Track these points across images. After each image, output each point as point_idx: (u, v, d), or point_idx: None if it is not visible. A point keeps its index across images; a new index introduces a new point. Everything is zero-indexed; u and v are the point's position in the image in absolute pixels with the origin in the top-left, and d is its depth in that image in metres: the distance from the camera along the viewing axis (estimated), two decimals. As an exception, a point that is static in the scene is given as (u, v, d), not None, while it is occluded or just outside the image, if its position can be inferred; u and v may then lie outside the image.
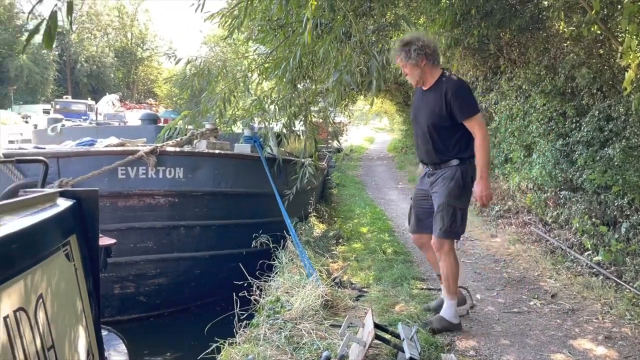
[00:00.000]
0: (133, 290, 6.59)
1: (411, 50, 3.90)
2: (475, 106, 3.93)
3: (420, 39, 3.96)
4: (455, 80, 4.00)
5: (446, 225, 3.95)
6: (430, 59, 3.94)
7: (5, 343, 2.10)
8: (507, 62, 8.79)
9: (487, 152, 3.88)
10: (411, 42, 3.93)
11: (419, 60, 3.92)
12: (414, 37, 4.00)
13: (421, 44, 3.91)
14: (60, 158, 6.14)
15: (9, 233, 2.22)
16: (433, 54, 3.95)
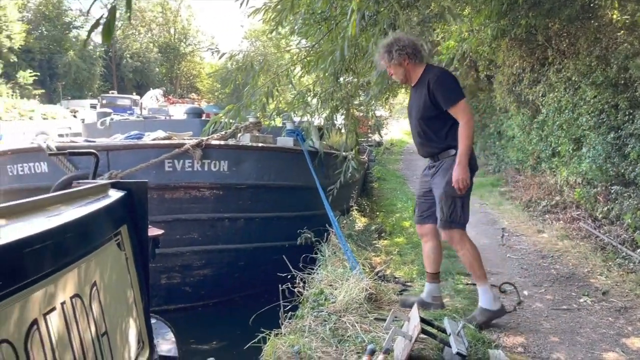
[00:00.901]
0: (179, 281, 6.73)
1: (392, 51, 3.98)
2: (457, 92, 3.94)
3: (401, 40, 4.03)
4: (437, 70, 4.08)
5: (446, 215, 3.99)
6: (412, 58, 4.01)
7: (62, 328, 2.18)
8: (555, 53, 8.55)
9: (468, 137, 3.89)
10: (392, 44, 4.00)
11: (402, 60, 3.99)
12: (394, 39, 4.06)
13: (402, 44, 3.98)
14: (110, 151, 6.30)
15: (66, 222, 2.30)
16: (414, 52, 4.02)
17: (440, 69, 4.16)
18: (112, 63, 53.60)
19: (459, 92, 3.96)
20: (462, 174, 3.88)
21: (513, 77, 9.93)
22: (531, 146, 9.86)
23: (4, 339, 1.79)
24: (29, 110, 30.84)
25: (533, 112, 9.55)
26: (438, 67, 4.14)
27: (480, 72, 11.97)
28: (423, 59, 4.12)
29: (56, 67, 45.05)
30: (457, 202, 3.99)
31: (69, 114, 31.99)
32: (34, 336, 1.95)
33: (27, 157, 6.68)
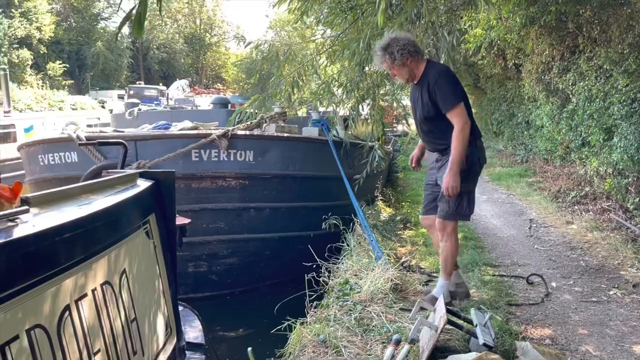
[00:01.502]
0: (206, 269, 6.82)
1: (394, 52, 3.92)
2: (454, 97, 3.87)
3: (400, 39, 3.97)
4: (437, 69, 4.00)
5: (452, 209, 4.00)
6: (414, 55, 3.95)
7: (93, 314, 2.23)
8: (586, 41, 8.35)
9: (461, 144, 3.83)
10: (391, 44, 3.94)
11: (405, 59, 3.93)
12: (392, 39, 3.98)
13: (402, 43, 3.92)
14: (138, 141, 6.39)
15: (96, 211, 2.34)
16: (415, 49, 3.96)
17: (440, 68, 4.05)
18: (139, 54, 54.11)
19: (456, 96, 3.89)
20: (452, 181, 3.87)
21: (542, 66, 9.74)
22: (560, 136, 9.68)
23: (38, 324, 1.84)
24: (59, 101, 31.36)
25: (563, 101, 9.37)
26: (438, 66, 4.05)
27: (508, 60, 11.76)
28: (423, 55, 4.06)
29: (84, 58, 45.65)
30: (463, 196, 3.99)
31: (97, 105, 32.45)
32: (66, 322, 1.99)
33: (58, 147, 6.81)
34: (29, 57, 37.30)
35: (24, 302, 1.78)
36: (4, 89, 17.96)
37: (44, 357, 1.83)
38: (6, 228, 1.79)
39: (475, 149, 3.99)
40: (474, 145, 3.98)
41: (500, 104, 15.65)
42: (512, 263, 5.70)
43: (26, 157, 7.38)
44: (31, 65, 38.10)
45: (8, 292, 1.70)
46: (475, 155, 3.98)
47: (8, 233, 1.76)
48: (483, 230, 7.32)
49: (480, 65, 13.99)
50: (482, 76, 16.27)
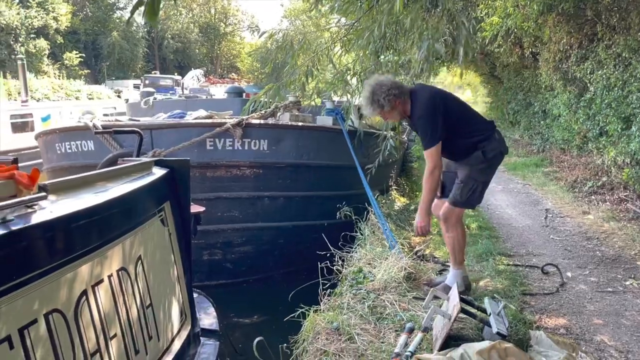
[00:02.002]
0: (220, 257, 6.87)
1: (380, 99, 3.91)
2: (428, 139, 3.89)
3: (382, 85, 3.94)
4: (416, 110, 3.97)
5: (464, 197, 4.03)
6: (400, 96, 3.94)
7: (110, 299, 2.26)
8: (605, 29, 8.21)
9: (430, 186, 3.93)
10: (376, 93, 3.92)
11: (393, 104, 3.93)
12: (374, 87, 3.96)
13: (386, 88, 3.91)
14: (154, 130, 6.43)
15: (112, 198, 2.37)
16: (400, 90, 3.95)
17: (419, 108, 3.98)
18: (154, 44, 54.28)
19: (430, 139, 3.89)
20: (420, 222, 4.00)
21: (560, 54, 9.61)
22: (577, 125, 9.57)
23: (56, 308, 1.88)
24: (75, 91, 31.60)
25: (580, 89, 9.24)
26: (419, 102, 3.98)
27: (525, 49, 11.61)
28: (408, 92, 4.01)
29: (100, 48, 45.89)
30: (478, 187, 4.03)
31: (113, 94, 32.65)
32: (83, 307, 2.03)
33: (75, 135, 6.87)
34: (45, 47, 37.61)
35: (42, 287, 1.81)
36: (22, 79, 18.16)
37: (62, 341, 1.87)
38: (24, 214, 1.82)
39: (495, 142, 4.00)
40: (489, 139, 3.98)
41: (516, 93, 15.49)
42: (527, 253, 5.67)
43: (43, 145, 7.47)
44: (48, 55, 38.41)
45: (26, 277, 1.73)
46: (496, 148, 3.99)
47: (26, 219, 1.79)
48: (498, 220, 7.28)
49: (496, 54, 13.84)
50: (498, 65, 16.09)
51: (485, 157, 3.96)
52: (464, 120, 4.03)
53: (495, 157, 4.02)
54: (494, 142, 4.00)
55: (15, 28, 35.85)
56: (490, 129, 4.05)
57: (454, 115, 3.98)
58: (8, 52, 34.91)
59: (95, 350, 2.06)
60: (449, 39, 7.13)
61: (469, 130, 4.00)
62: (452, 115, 3.95)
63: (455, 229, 4.15)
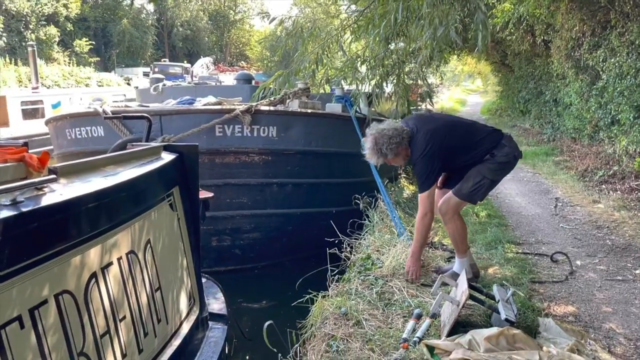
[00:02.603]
0: (229, 244, 6.89)
1: (383, 149, 4.01)
2: (423, 183, 4.03)
3: (383, 135, 4.01)
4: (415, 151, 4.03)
5: (468, 190, 4.04)
6: (402, 143, 4.02)
7: (119, 282, 2.28)
8: (618, 16, 8.11)
9: (421, 232, 4.10)
10: (378, 143, 4.01)
11: (396, 151, 4.02)
12: (377, 137, 4.03)
13: (387, 138, 3.99)
14: (163, 116, 6.43)
15: (122, 181, 2.38)
16: (400, 138, 4.01)
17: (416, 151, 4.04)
18: (163, 31, 54.25)
19: (423, 183, 4.02)
20: (411, 266, 4.16)
21: (572, 42, 9.51)
22: (589, 114, 9.48)
23: (66, 289, 1.89)
24: (85, 78, 31.73)
25: (592, 78, 9.15)
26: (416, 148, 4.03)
27: (537, 36, 11.50)
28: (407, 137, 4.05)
29: (110, 35, 45.98)
30: (485, 183, 4.03)
31: (122, 82, 32.74)
32: (93, 289, 2.04)
33: (85, 121, 6.90)
34: (56, 34, 37.73)
35: (52, 269, 1.83)
36: (32, 66, 18.22)
37: (72, 322, 1.88)
38: (34, 196, 1.83)
39: (505, 147, 4.01)
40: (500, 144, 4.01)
41: (527, 81, 15.37)
42: (536, 241, 5.64)
43: (54, 131, 7.50)
44: (58, 42, 38.54)
45: (36, 258, 1.74)
46: (510, 153, 4.01)
47: (36, 201, 1.80)
48: (507, 208, 7.25)
49: (507, 42, 13.72)
50: (509, 53, 15.96)
51: (495, 160, 3.98)
52: (466, 146, 4.06)
53: (508, 162, 4.04)
54: (505, 148, 4.01)
55: (25, 15, 35.98)
56: (497, 140, 4.04)
57: (455, 148, 4.04)
58: (19, 39, 35.07)
59: (104, 332, 2.08)
60: (459, 26, 7.06)
61: (473, 153, 4.04)
62: (452, 149, 4.02)
63: (453, 221, 4.15)
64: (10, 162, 1.98)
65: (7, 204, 1.68)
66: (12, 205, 1.68)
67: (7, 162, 1.97)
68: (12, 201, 1.70)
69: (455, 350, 2.81)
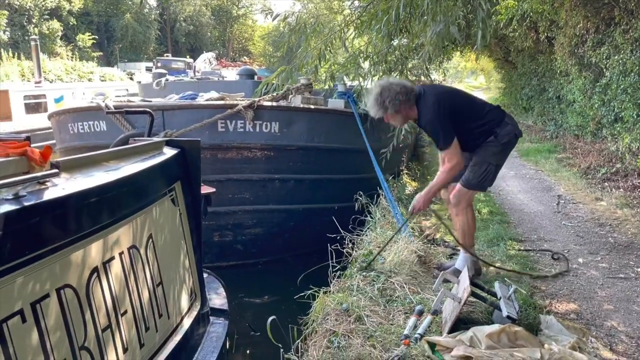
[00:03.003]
0: (231, 239, 6.90)
1: (385, 102, 3.92)
2: (444, 139, 3.92)
3: (391, 88, 3.93)
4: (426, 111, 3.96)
5: (476, 179, 4.05)
6: (406, 103, 3.94)
7: (121, 276, 2.28)
8: (622, 13, 8.07)
9: (444, 179, 4.01)
10: (383, 94, 3.92)
11: (397, 108, 3.94)
12: (383, 88, 3.95)
13: (393, 93, 3.91)
14: (165, 111, 6.43)
15: (123, 176, 2.38)
16: (407, 96, 3.93)
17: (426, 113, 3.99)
18: (166, 26, 54.20)
19: (443, 139, 3.92)
20: (420, 203, 4.10)
21: (576, 39, 9.46)
22: (592, 111, 9.44)
23: (67, 284, 1.89)
24: (88, 72, 31.74)
25: (596, 75, 9.11)
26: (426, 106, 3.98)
27: (540, 33, 11.44)
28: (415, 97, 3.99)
29: (113, 30, 45.97)
30: (491, 169, 4.04)
31: (125, 77, 32.75)
32: (95, 283, 2.05)
33: (87, 116, 6.90)
34: (58, 28, 37.71)
35: (54, 263, 1.83)
36: (35, 60, 18.25)
37: (73, 316, 1.89)
38: (36, 190, 1.83)
39: (508, 126, 4.02)
40: (503, 123, 4.01)
41: (530, 78, 15.31)
42: (538, 238, 5.63)
43: (56, 125, 7.51)
44: (61, 37, 38.53)
45: (38, 252, 1.74)
46: (510, 132, 4.01)
47: (38, 195, 1.80)
48: (510, 205, 7.24)
49: (511, 39, 13.65)
50: (512, 50, 15.90)
51: (499, 141, 3.97)
52: (474, 113, 4.05)
53: (509, 141, 4.04)
54: (507, 127, 4.02)
55: (28, 9, 35.97)
56: (500, 116, 4.06)
57: (464, 111, 4.01)
58: (22, 34, 35.07)
59: (106, 326, 2.08)
60: (462, 22, 7.04)
61: (480, 122, 4.02)
62: (461, 112, 3.98)
63: (465, 213, 4.16)
64: (13, 156, 1.98)
65: (9, 198, 1.68)
66: (14, 199, 1.68)
67: (9, 156, 1.97)
68: (15, 195, 1.69)
69: (456, 347, 2.81)
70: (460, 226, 4.22)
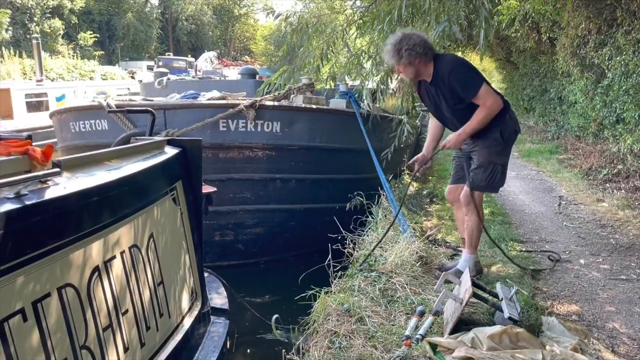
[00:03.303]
0: (232, 238, 6.90)
1: (402, 50, 3.84)
2: (475, 80, 3.84)
3: (411, 38, 3.87)
4: (448, 61, 3.95)
5: (484, 180, 4.02)
6: (422, 57, 3.88)
7: (122, 275, 2.28)
8: (625, 14, 8.05)
9: (482, 120, 3.83)
10: (401, 42, 3.86)
11: (412, 59, 3.87)
12: (403, 36, 3.89)
13: (412, 42, 3.84)
14: (167, 110, 6.43)
15: (125, 175, 2.37)
16: (425, 50, 3.87)
17: (449, 60, 3.98)
18: (168, 25, 54.20)
19: (476, 80, 3.85)
20: (452, 143, 3.98)
21: (578, 40, 9.45)
22: (594, 112, 9.43)
23: (68, 283, 1.89)
24: (90, 71, 31.75)
25: (598, 76, 9.10)
26: (445, 58, 3.97)
27: (542, 34, 11.43)
28: (433, 54, 3.94)
29: (115, 29, 45.97)
30: (497, 169, 4.02)
31: (127, 75, 32.75)
32: (95, 282, 2.04)
33: (89, 114, 6.90)
34: (60, 27, 37.72)
35: (55, 262, 1.82)
36: (37, 58, 18.24)
37: (75, 315, 1.88)
38: (38, 189, 1.83)
39: (510, 121, 4.01)
40: (506, 118, 3.97)
41: (532, 79, 15.30)
42: (539, 239, 5.63)
43: (58, 124, 7.51)
44: (63, 35, 38.53)
45: (39, 251, 1.74)
46: (511, 127, 4.00)
47: (40, 194, 1.79)
48: (511, 206, 7.23)
49: (512, 39, 13.65)
50: (514, 50, 15.88)
51: (503, 138, 3.94)
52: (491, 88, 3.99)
53: (510, 137, 4.03)
54: (510, 121, 4.00)
55: (30, 8, 35.97)
56: (506, 107, 4.00)
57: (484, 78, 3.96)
58: (23, 32, 35.08)
59: (107, 326, 2.08)
60: (464, 22, 7.03)
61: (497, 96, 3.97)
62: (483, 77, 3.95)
63: (475, 214, 4.11)
64: (14, 155, 1.98)
65: (11, 197, 1.67)
66: (15, 198, 1.68)
67: (11, 155, 1.96)
68: (16, 194, 1.69)
69: (458, 348, 2.81)
70: (469, 226, 4.17)
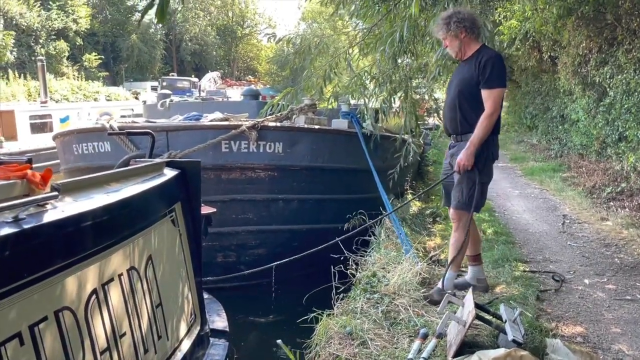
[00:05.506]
0: (234, 259, 6.87)
1: (451, 22, 3.98)
2: (500, 80, 3.91)
3: (461, 12, 4.04)
4: (492, 52, 4.07)
5: (465, 198, 4.02)
6: (470, 32, 4.00)
7: (120, 298, 2.26)
8: (625, 33, 8.10)
9: (487, 127, 3.88)
10: (451, 15, 4.01)
11: (459, 32, 3.98)
12: (454, 11, 4.07)
13: (461, 16, 3.98)
14: (169, 132, 6.46)
15: (123, 198, 2.37)
16: (472, 26, 4.00)
17: (496, 52, 4.15)
18: (172, 46, 54.69)
19: (501, 81, 3.95)
20: (465, 160, 3.93)
21: (579, 58, 9.50)
22: (596, 130, 9.44)
23: (66, 306, 1.87)
24: (94, 92, 31.97)
25: (599, 94, 9.12)
26: (494, 51, 4.16)
27: (543, 52, 11.50)
28: (480, 36, 4.10)
29: (119, 50, 46.38)
30: (477, 187, 4.01)
31: (131, 96, 32.97)
32: (93, 305, 2.03)
33: (91, 137, 6.93)
34: (65, 48, 38.06)
35: (53, 285, 1.81)
36: (41, 80, 18.41)
37: (72, 339, 1.87)
38: (36, 213, 1.82)
39: (492, 144, 4.04)
40: (491, 139, 4.00)
41: (534, 97, 15.36)
42: (543, 259, 5.58)
43: (61, 146, 7.54)
44: (67, 57, 38.87)
45: (37, 274, 1.73)
46: (490, 149, 4.03)
47: (38, 217, 1.79)
48: (514, 225, 7.20)
49: (514, 58, 13.73)
50: (516, 69, 15.97)
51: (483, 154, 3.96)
52: None
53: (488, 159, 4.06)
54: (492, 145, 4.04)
55: (35, 30, 36.36)
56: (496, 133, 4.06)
57: None
58: (28, 54, 35.41)
59: (105, 349, 2.05)
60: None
61: None
62: None
63: (460, 231, 4.08)
64: (13, 179, 1.98)
65: (9, 220, 1.67)
66: (14, 222, 1.67)
67: (10, 179, 1.97)
68: (14, 218, 1.69)
69: (461, 372, 2.77)
70: (452, 242, 4.20)
